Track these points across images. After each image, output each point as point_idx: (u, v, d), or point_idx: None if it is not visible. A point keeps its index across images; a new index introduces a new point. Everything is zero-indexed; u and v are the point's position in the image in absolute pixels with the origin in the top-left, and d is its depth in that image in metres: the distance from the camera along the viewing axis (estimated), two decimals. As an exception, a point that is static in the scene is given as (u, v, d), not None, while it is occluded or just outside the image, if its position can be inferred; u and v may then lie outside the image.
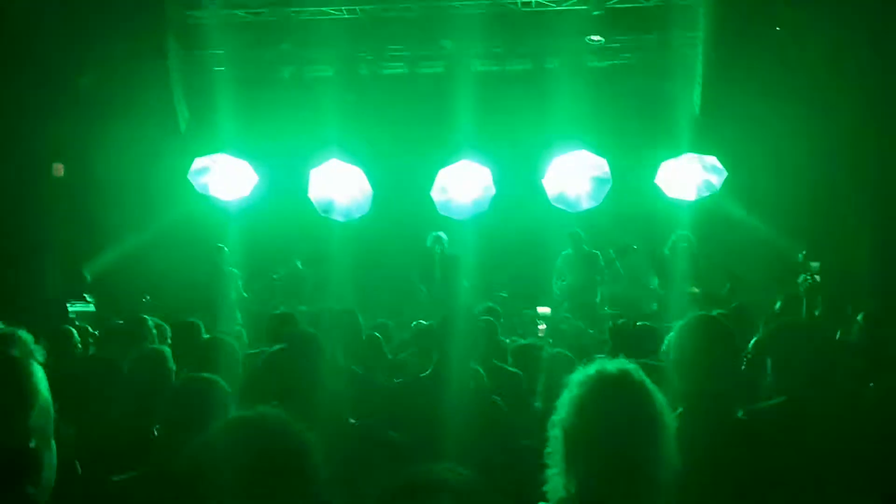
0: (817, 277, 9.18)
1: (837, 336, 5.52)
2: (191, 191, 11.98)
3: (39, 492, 1.88)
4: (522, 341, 6.50)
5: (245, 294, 11.23)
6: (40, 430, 1.87)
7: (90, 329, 7.34)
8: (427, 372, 4.45)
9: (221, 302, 10.83)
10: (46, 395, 1.92)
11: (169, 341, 5.88)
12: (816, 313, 8.67)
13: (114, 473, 3.03)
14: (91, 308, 10.82)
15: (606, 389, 2.28)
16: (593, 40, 12.19)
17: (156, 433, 3.42)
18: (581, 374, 2.34)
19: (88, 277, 11.23)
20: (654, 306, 11.17)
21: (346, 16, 12.07)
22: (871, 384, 4.16)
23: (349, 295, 10.39)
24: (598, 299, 11.25)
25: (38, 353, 1.97)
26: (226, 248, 11.18)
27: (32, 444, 1.84)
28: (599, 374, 2.31)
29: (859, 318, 5.43)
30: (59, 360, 5.89)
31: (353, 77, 12.49)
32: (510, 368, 5.36)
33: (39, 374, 1.91)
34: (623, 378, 2.31)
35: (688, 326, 3.52)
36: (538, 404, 4.56)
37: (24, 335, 2.01)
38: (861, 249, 10.28)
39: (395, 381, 5.26)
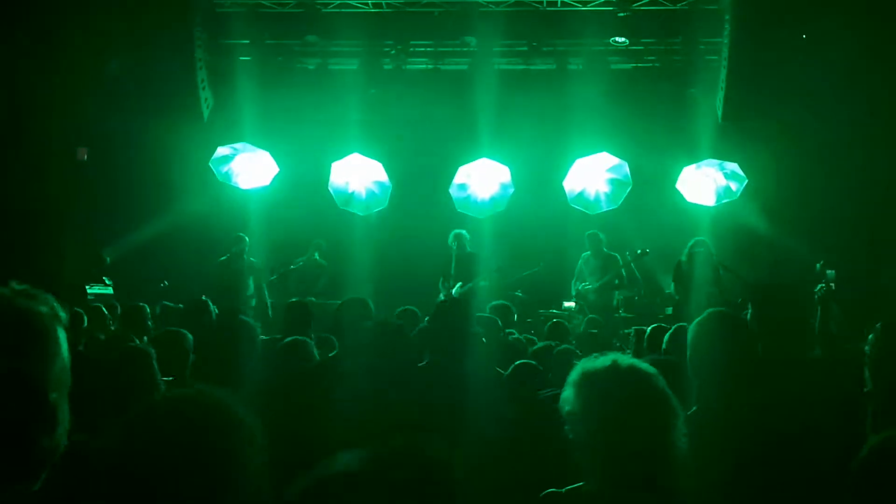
0: (832, 286, 9.13)
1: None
2: (212, 178, 12.07)
3: (52, 446, 1.85)
4: (541, 343, 6.49)
5: (263, 284, 11.32)
6: (59, 384, 1.89)
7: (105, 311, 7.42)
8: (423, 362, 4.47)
9: (240, 291, 10.94)
10: (66, 354, 1.94)
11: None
12: (832, 324, 8.61)
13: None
14: (109, 291, 10.92)
15: (623, 381, 2.40)
16: (618, 42, 12.16)
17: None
18: (595, 368, 2.45)
19: (108, 260, 11.34)
20: (669, 310, 11.14)
21: (372, 10, 12.12)
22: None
23: (365, 288, 10.43)
24: (614, 302, 11.27)
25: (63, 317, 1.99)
26: (246, 238, 11.27)
27: (52, 397, 1.85)
28: (615, 366, 2.43)
29: (878, 326, 5.41)
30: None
31: (377, 71, 12.54)
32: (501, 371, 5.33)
33: (62, 334, 1.93)
34: (637, 370, 2.44)
35: (703, 322, 3.50)
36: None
37: (52, 300, 2.04)
38: (883, 260, 10.23)
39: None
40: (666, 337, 5.37)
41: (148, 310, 7.12)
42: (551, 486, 2.56)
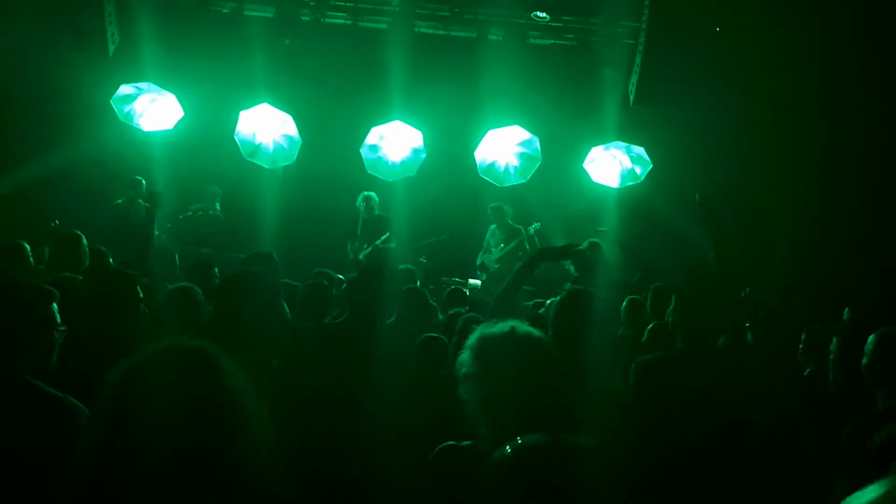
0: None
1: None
2: (113, 117, 11.54)
3: None
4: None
5: (157, 231, 10.94)
6: None
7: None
8: (343, 317, 4.53)
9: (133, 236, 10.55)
10: None
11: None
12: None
13: None
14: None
15: (519, 345, 2.63)
16: (539, 17, 12.19)
17: None
18: (494, 333, 2.67)
19: (-6, 196, 10.76)
20: (568, 286, 11.32)
21: (294, -42, 11.79)
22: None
23: (264, 243, 10.23)
24: (516, 273, 11.41)
25: None
26: (144, 181, 10.89)
27: None
28: (512, 332, 2.66)
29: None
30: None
31: (294, 22, 12.19)
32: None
33: None
34: (533, 336, 2.67)
35: (563, 300, 3.68)
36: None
37: None
38: (779, 248, 10.62)
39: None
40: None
41: (28, 248, 6.75)
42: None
